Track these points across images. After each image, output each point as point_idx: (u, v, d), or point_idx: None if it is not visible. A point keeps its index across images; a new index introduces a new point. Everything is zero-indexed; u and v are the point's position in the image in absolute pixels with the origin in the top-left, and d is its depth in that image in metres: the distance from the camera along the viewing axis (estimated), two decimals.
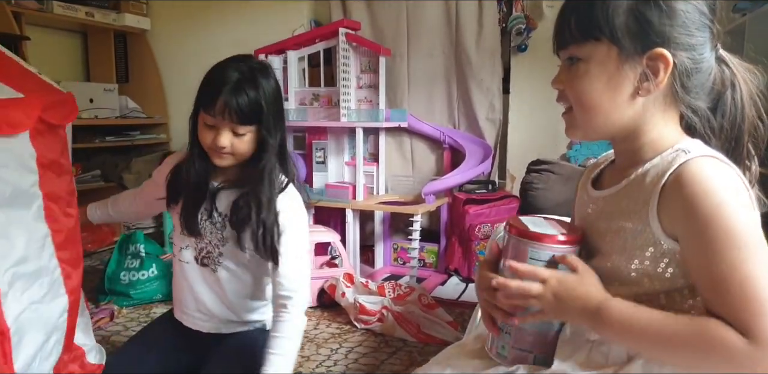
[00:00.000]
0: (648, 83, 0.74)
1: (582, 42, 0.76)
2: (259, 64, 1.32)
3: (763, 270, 0.65)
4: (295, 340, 1.30)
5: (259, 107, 1.24)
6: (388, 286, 2.38)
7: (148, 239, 2.58)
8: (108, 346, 2.04)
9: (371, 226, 3.10)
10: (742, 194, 0.69)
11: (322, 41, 2.88)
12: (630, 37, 0.74)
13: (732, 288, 0.65)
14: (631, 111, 0.77)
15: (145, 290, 2.45)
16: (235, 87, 1.23)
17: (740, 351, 0.62)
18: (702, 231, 0.67)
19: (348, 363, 1.94)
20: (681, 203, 0.69)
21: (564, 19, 0.79)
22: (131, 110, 3.33)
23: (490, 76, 2.96)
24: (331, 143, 2.99)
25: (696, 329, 0.65)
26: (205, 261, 1.40)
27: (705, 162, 0.70)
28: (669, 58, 0.73)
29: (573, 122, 0.82)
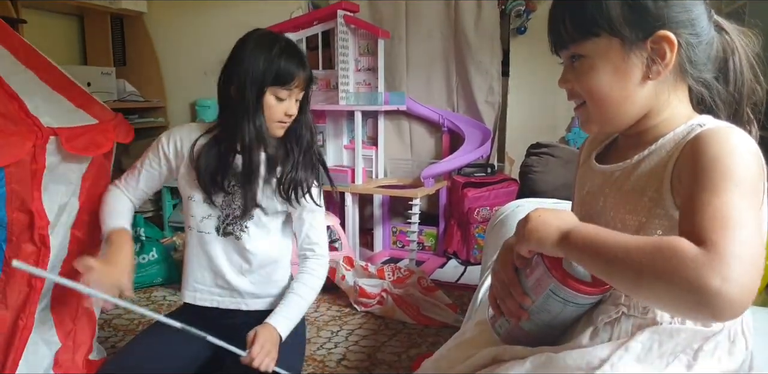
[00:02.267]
0: (656, 66, 0.75)
1: (581, 41, 0.76)
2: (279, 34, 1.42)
3: (746, 206, 0.64)
4: (314, 288, 1.41)
5: (306, 68, 1.34)
6: (388, 269, 2.40)
7: (148, 223, 2.59)
8: (110, 329, 2.07)
9: (370, 209, 3.11)
10: (757, 156, 0.69)
11: (320, 24, 2.85)
12: (629, 26, 0.74)
13: (708, 210, 0.63)
14: (643, 96, 0.77)
15: (146, 273, 2.47)
16: (299, 57, 1.33)
17: (689, 256, 0.59)
18: (704, 167, 0.67)
19: (348, 346, 1.97)
20: (692, 155, 0.70)
21: (557, 20, 0.79)
22: (129, 94, 3.31)
23: (489, 59, 2.94)
24: (330, 126, 2.98)
25: (654, 239, 0.64)
26: (229, 229, 1.40)
27: (723, 129, 0.71)
28: (673, 39, 0.73)
29: (588, 116, 0.82)
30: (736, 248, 0.59)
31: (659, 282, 0.60)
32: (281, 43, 1.33)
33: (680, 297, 0.59)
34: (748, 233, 0.61)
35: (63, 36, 3.31)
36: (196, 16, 3.40)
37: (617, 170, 0.82)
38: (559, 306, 0.77)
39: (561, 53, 0.81)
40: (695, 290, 0.57)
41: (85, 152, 1.35)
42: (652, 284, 0.61)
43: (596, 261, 0.68)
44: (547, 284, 0.75)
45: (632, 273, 0.63)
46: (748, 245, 0.60)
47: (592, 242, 0.68)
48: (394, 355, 1.90)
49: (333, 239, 2.69)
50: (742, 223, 0.62)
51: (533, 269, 0.78)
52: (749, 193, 0.66)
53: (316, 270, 1.44)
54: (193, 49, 3.44)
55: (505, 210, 1.82)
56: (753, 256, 0.60)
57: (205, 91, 3.40)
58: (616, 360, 0.72)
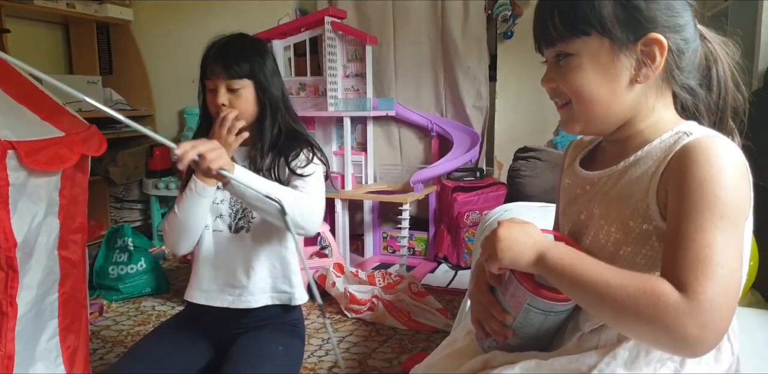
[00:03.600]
0: (646, 69, 0.74)
1: (570, 39, 0.74)
2: (248, 36, 1.42)
3: (728, 243, 0.65)
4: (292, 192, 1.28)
5: (245, 60, 1.32)
6: (378, 275, 2.39)
7: (136, 233, 2.57)
8: (98, 341, 2.04)
9: (360, 215, 3.10)
10: (743, 170, 0.69)
11: (307, 30, 2.85)
12: (620, 26, 0.72)
13: (691, 247, 0.64)
14: (630, 99, 0.76)
15: (134, 283, 2.45)
16: (222, 47, 1.34)
17: (670, 303, 0.61)
18: (690, 192, 0.66)
19: (339, 353, 1.95)
20: (679, 170, 0.69)
21: (545, 17, 0.76)
22: (116, 103, 3.29)
23: (476, 64, 2.95)
24: (319, 132, 2.98)
25: (633, 279, 0.65)
26: (240, 223, 1.40)
27: (709, 140, 0.70)
28: (664, 42, 0.72)
29: (571, 116, 0.80)
30: (715, 297, 0.62)
31: (639, 324, 0.64)
32: (217, 41, 1.37)
33: (659, 340, 0.64)
34: (727, 278, 0.63)
35: (48, 45, 3.29)
36: (182, 24, 3.39)
37: (603, 177, 0.81)
38: (540, 317, 0.77)
39: (546, 51, 0.79)
40: (674, 336, 0.61)
41: (48, 166, 1.31)
42: (632, 324, 0.65)
43: (575, 290, 0.69)
44: (524, 298, 0.76)
45: (613, 310, 0.65)
46: (726, 292, 0.63)
47: (572, 270, 0.68)
48: (385, 361, 1.89)
49: (323, 245, 2.68)
50: (723, 265, 0.63)
51: (507, 285, 0.79)
52: (733, 224, 0.66)
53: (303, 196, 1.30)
54: (181, 57, 3.42)
55: (494, 214, 1.82)
56: (729, 301, 0.63)
57: (193, 99, 3.33)
58: (603, 367, 0.73)
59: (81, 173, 1.47)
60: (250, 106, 1.35)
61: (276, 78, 1.39)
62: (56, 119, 1.41)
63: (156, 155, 3.29)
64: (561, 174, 0.96)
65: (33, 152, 1.25)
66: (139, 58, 3.47)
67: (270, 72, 1.37)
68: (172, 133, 3.56)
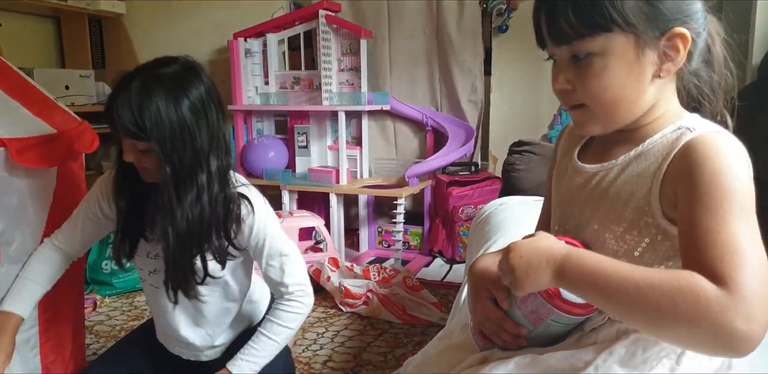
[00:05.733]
0: (668, 64, 0.71)
1: (590, 36, 0.69)
2: (174, 67, 1.13)
3: (751, 232, 0.63)
4: (286, 323, 1.23)
5: (143, 119, 1.04)
6: (373, 269, 2.39)
7: None
8: (91, 336, 2.03)
9: (355, 210, 3.10)
10: (749, 163, 0.68)
11: (302, 24, 2.84)
12: (645, 21, 0.68)
13: (718, 241, 0.62)
14: (650, 95, 0.73)
15: (128, 278, 2.44)
16: (123, 96, 1.06)
17: (711, 296, 0.58)
18: (704, 186, 0.65)
19: (334, 347, 1.95)
20: (687, 168, 0.67)
21: (558, 13, 0.71)
22: None
23: (471, 58, 2.94)
24: (314, 127, 2.97)
25: (665, 278, 0.61)
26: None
27: (714, 136, 0.69)
28: (688, 36, 0.69)
29: (589, 117, 0.75)
30: (756, 286, 0.58)
31: (681, 325, 0.59)
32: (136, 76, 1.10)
33: (705, 340, 0.59)
34: (762, 267, 0.60)
35: (40, 38, 3.26)
36: (176, 17, 3.36)
37: (602, 170, 0.78)
38: (561, 328, 0.77)
39: (557, 49, 0.73)
40: (721, 334, 0.57)
41: (39, 164, 1.26)
42: (673, 326, 0.60)
43: (604, 300, 0.65)
44: (548, 314, 0.74)
45: (649, 314, 0.61)
46: (764, 282, 0.59)
47: (595, 280, 0.64)
48: (380, 355, 1.89)
49: (318, 240, 2.68)
50: (754, 255, 0.61)
51: (525, 301, 0.76)
52: (751, 214, 0.65)
53: (290, 307, 1.24)
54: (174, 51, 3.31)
55: (489, 208, 1.83)
56: (767, 291, 0.59)
57: None
58: (600, 363, 0.72)
59: (77, 169, 1.45)
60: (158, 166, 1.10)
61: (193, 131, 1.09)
62: (48, 115, 1.37)
63: None
64: (552, 163, 0.93)
65: (24, 150, 1.22)
66: (131, 51, 3.44)
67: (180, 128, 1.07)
68: None
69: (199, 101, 1.10)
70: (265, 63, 2.94)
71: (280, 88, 2.96)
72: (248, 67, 2.95)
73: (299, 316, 1.25)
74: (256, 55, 2.94)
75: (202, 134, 1.10)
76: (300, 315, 1.25)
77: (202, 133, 1.10)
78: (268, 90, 2.96)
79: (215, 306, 1.27)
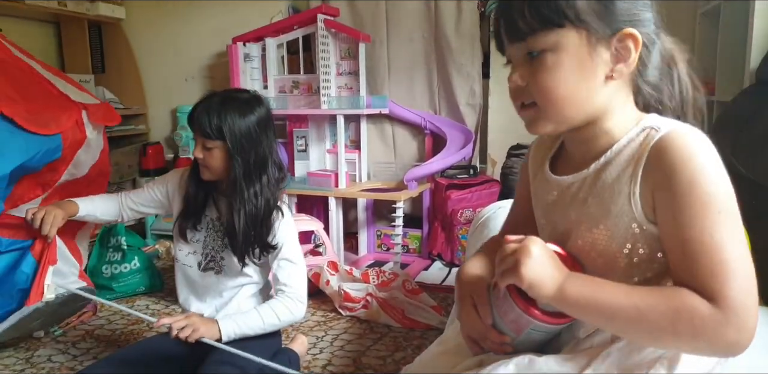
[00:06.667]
0: (621, 65, 0.72)
1: (543, 32, 0.71)
2: (245, 94, 1.47)
3: (734, 237, 0.65)
4: (276, 312, 1.43)
5: (220, 122, 1.37)
6: (372, 273, 2.39)
7: (129, 232, 2.56)
8: (92, 340, 2.03)
9: (354, 213, 3.10)
10: (719, 159, 0.69)
11: (300, 28, 2.85)
12: (596, 18, 0.70)
13: (703, 251, 0.64)
14: (603, 96, 0.74)
15: (128, 282, 2.44)
16: (206, 105, 1.40)
17: (705, 316, 0.62)
18: (683, 195, 0.66)
19: (334, 351, 1.95)
20: (662, 173, 0.68)
21: (514, 11, 0.72)
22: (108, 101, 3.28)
23: (469, 61, 2.95)
24: (312, 130, 2.97)
25: (661, 298, 0.65)
26: (211, 264, 1.53)
27: (681, 135, 0.69)
28: (638, 37, 0.71)
29: (540, 116, 0.75)
30: (744, 298, 0.63)
31: (679, 341, 0.65)
32: (218, 93, 1.45)
33: (704, 350, 0.66)
34: (746, 273, 0.64)
35: (40, 44, 3.27)
36: (175, 22, 3.37)
37: (576, 181, 0.79)
38: (542, 336, 0.78)
39: (513, 48, 0.75)
40: (716, 346, 0.64)
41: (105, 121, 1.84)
42: (671, 342, 0.66)
43: (603, 320, 0.69)
44: (527, 324, 0.75)
45: (650, 333, 0.66)
46: (750, 289, 0.64)
47: (595, 302, 0.67)
48: (379, 359, 1.89)
49: (317, 244, 2.68)
50: (739, 261, 0.64)
51: (507, 311, 0.77)
52: (731, 215, 0.66)
53: (285, 302, 1.46)
54: (174, 55, 3.41)
55: (487, 212, 1.82)
56: (755, 297, 0.64)
57: (186, 98, 3.37)
58: (597, 366, 0.73)
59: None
60: (219, 164, 1.42)
61: (254, 140, 1.42)
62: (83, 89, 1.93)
63: (149, 153, 3.28)
64: (522, 180, 0.95)
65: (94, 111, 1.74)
66: (131, 56, 3.45)
67: (247, 135, 1.40)
68: (165, 131, 3.55)
69: (263, 119, 1.44)
70: (264, 67, 2.95)
71: (279, 92, 2.97)
72: (247, 72, 2.96)
73: (290, 315, 1.46)
74: (254, 59, 2.95)
75: (263, 144, 1.43)
76: (291, 313, 1.46)
77: (263, 143, 1.43)
78: (267, 94, 2.97)
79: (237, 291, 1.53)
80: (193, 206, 1.51)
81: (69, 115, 1.73)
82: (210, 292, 1.54)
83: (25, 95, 1.65)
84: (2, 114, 1.51)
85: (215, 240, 1.52)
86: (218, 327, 1.38)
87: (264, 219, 1.45)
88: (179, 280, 1.58)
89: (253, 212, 1.42)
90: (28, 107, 1.60)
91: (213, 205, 1.52)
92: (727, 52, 2.20)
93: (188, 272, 1.55)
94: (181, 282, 1.58)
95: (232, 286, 1.53)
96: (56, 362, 1.87)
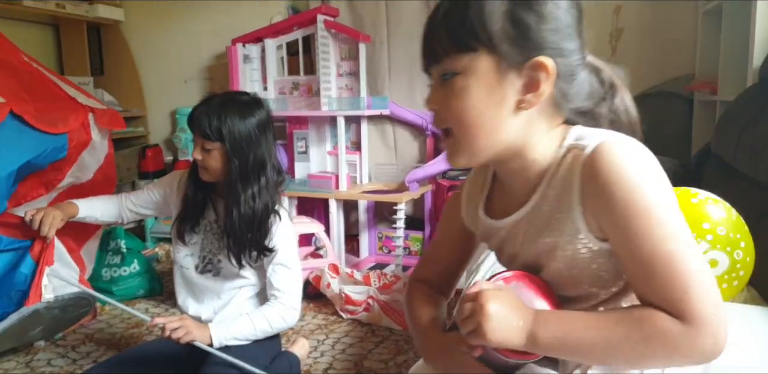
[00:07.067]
0: (531, 95, 0.69)
1: (457, 54, 0.69)
2: (245, 96, 1.47)
3: (682, 245, 0.64)
4: (268, 318, 1.44)
5: (219, 124, 1.38)
6: (374, 275, 2.37)
7: (129, 235, 2.55)
8: (91, 344, 2.02)
9: (355, 215, 3.09)
10: (652, 167, 0.67)
11: (300, 29, 2.84)
12: (509, 44, 0.68)
13: (658, 267, 0.63)
14: (516, 126, 0.71)
15: (128, 286, 2.43)
16: (206, 106, 1.41)
17: (677, 335, 0.62)
18: (622, 216, 0.65)
19: (335, 354, 1.94)
20: (597, 196, 0.67)
21: (434, 32, 0.72)
22: (108, 104, 3.23)
23: None
24: (312, 132, 2.96)
25: (632, 327, 0.64)
26: (208, 267, 1.53)
27: (607, 150, 0.67)
28: (550, 67, 0.68)
29: (455, 147, 0.74)
30: (711, 308, 0.62)
31: (659, 363, 0.66)
32: (218, 95, 1.45)
33: (682, 364, 0.66)
34: (705, 280, 0.64)
35: (38, 46, 3.26)
36: (174, 24, 3.36)
37: (519, 219, 0.78)
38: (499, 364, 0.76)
39: (433, 70, 0.74)
40: (695, 357, 0.64)
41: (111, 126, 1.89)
42: (651, 364, 0.67)
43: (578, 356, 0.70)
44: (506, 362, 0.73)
45: (628, 361, 0.67)
46: (714, 296, 0.63)
47: (567, 343, 0.67)
48: (381, 362, 1.87)
49: (318, 246, 2.67)
50: (695, 271, 0.63)
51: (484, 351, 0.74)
52: (674, 222, 0.65)
53: (278, 309, 1.46)
54: (173, 57, 3.40)
55: None
56: (720, 302, 0.64)
57: (185, 100, 3.36)
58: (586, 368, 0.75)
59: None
60: (218, 166, 1.42)
61: (253, 143, 1.41)
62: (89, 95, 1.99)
63: (148, 156, 3.27)
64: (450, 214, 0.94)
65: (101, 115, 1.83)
66: (130, 58, 3.44)
67: (246, 137, 1.40)
68: (164, 133, 3.54)
69: (262, 122, 1.44)
70: (264, 68, 2.94)
71: (279, 93, 2.96)
72: (247, 73, 2.94)
73: (282, 322, 1.46)
74: (254, 60, 2.94)
75: (262, 146, 1.43)
76: (284, 321, 1.46)
77: (262, 146, 1.43)
78: (267, 96, 2.95)
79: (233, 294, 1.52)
80: (191, 208, 1.51)
81: (76, 116, 1.79)
82: (208, 294, 1.54)
83: (35, 96, 1.69)
84: (12, 112, 1.55)
85: (212, 243, 1.52)
86: (207, 329, 1.39)
87: (261, 222, 1.44)
88: (178, 282, 1.58)
89: (249, 213, 1.42)
90: (38, 106, 1.65)
91: (211, 207, 1.51)
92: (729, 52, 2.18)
93: (186, 275, 1.55)
94: (179, 284, 1.58)
95: (230, 288, 1.52)
96: (56, 366, 1.86)
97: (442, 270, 0.97)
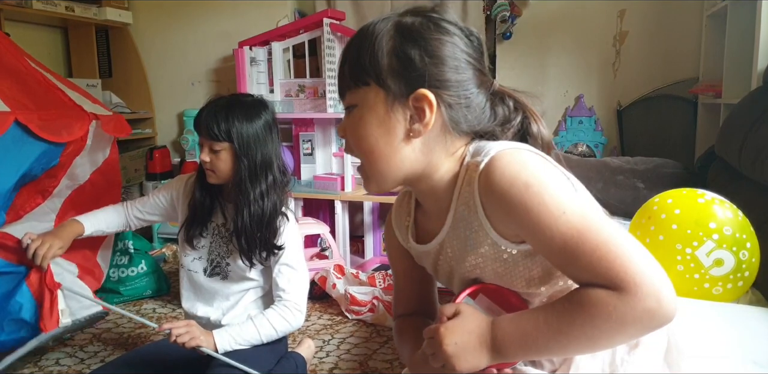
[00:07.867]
0: (418, 125, 0.73)
1: (355, 88, 0.76)
2: (250, 98, 1.48)
3: (590, 220, 0.65)
4: (272, 322, 1.43)
5: (227, 124, 1.39)
6: (379, 276, 2.39)
7: (137, 236, 2.57)
8: (99, 344, 2.04)
9: (360, 217, 3.10)
10: (540, 166, 0.70)
11: (306, 32, 2.86)
12: (394, 77, 0.73)
13: (575, 250, 0.64)
14: (411, 153, 0.75)
15: (135, 286, 2.45)
16: (213, 108, 1.41)
17: (618, 304, 0.62)
18: (525, 216, 0.67)
19: (340, 354, 1.95)
20: (498, 205, 0.70)
21: (341, 67, 0.78)
22: (115, 106, 3.29)
23: None
24: (318, 134, 2.98)
25: (574, 312, 0.65)
26: (217, 270, 1.53)
27: (496, 160, 0.70)
28: (432, 99, 0.72)
29: (364, 173, 0.80)
30: (639, 269, 0.62)
31: (616, 337, 0.65)
32: (222, 97, 1.46)
33: (641, 331, 0.65)
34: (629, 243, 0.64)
35: (47, 49, 3.29)
36: (182, 27, 3.39)
37: (441, 241, 0.81)
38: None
39: (343, 102, 0.80)
40: (648, 322, 0.63)
41: (116, 133, 1.87)
42: (611, 340, 0.66)
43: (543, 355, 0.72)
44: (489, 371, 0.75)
45: (590, 345, 0.67)
46: (641, 254, 0.63)
47: (528, 345, 0.68)
48: (386, 363, 1.89)
49: (323, 247, 2.68)
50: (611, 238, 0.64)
51: None
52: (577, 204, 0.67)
53: (283, 312, 1.45)
54: (180, 60, 3.43)
55: None
56: (648, 260, 0.63)
57: (192, 102, 3.39)
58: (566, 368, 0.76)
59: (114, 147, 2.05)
60: (226, 167, 1.42)
61: (262, 142, 1.43)
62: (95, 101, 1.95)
63: (156, 157, 3.29)
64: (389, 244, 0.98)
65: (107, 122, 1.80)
66: (138, 61, 3.47)
67: (254, 136, 1.41)
68: (171, 135, 3.56)
69: (268, 122, 1.45)
70: (270, 71, 2.96)
71: (285, 96, 2.98)
72: (253, 76, 2.97)
73: (287, 325, 1.46)
74: (261, 63, 2.96)
75: (269, 147, 1.44)
76: (288, 324, 1.45)
77: (269, 146, 1.44)
78: (273, 98, 2.97)
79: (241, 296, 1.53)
80: (199, 212, 1.51)
81: (81, 124, 1.77)
82: (217, 296, 1.54)
83: (40, 103, 1.67)
84: (17, 121, 1.53)
85: (221, 246, 1.52)
86: (212, 336, 1.39)
87: (270, 221, 1.45)
88: (184, 286, 1.58)
89: (258, 213, 1.43)
90: (42, 115, 1.63)
91: (219, 211, 1.52)
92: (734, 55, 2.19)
93: (194, 278, 1.55)
94: (186, 288, 1.58)
95: (238, 290, 1.53)
96: (64, 365, 1.88)
97: (414, 301, 0.99)
